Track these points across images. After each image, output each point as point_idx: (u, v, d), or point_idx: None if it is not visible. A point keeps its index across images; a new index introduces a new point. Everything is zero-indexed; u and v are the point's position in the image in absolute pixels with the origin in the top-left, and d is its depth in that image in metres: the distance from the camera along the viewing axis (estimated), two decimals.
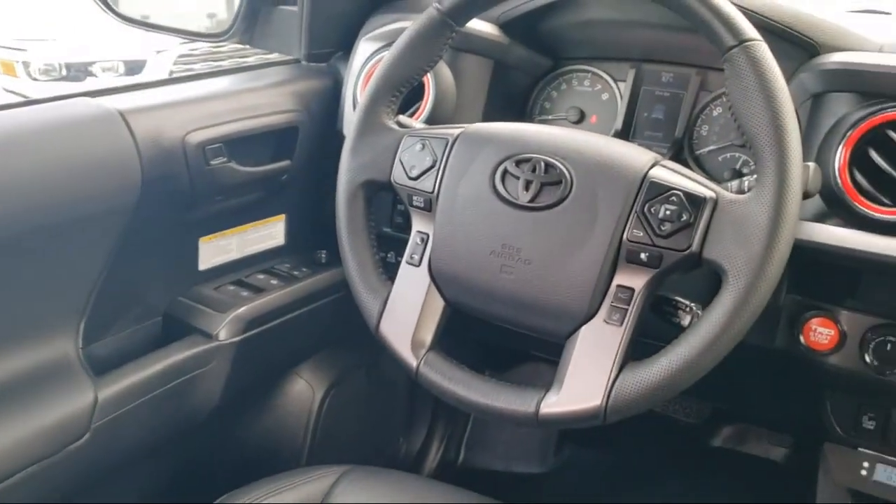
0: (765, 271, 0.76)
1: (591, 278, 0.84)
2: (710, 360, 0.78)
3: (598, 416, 0.82)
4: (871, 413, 1.06)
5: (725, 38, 0.81)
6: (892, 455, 1.08)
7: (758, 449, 1.69)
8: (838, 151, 0.91)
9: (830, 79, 0.95)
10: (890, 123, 0.89)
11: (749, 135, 0.80)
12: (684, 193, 0.81)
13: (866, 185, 0.90)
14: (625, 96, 1.18)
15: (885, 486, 1.09)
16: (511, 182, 0.89)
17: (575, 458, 1.78)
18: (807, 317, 1.00)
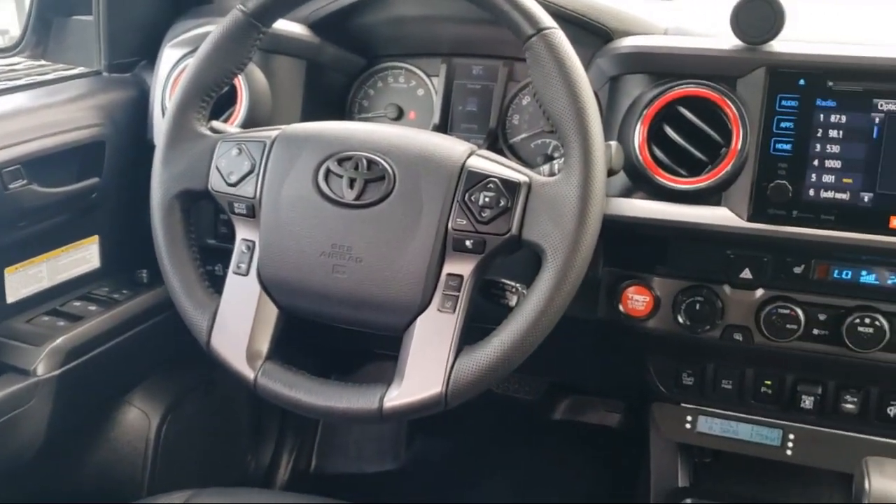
0: (579, 247, 0.81)
1: (422, 269, 0.85)
2: (538, 335, 0.82)
3: (440, 403, 0.84)
4: (689, 370, 1.15)
5: (524, 27, 0.85)
6: (710, 406, 1.18)
7: (594, 417, 1.79)
8: (637, 129, 0.97)
9: (624, 62, 1.01)
10: (680, 100, 0.97)
11: (554, 119, 0.84)
12: (500, 180, 0.84)
13: (664, 159, 0.97)
14: (439, 91, 1.21)
15: (707, 436, 1.19)
16: (335, 181, 0.88)
17: (426, 449, 1.81)
18: (623, 286, 1.07)
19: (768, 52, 0.95)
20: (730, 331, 1.04)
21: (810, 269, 0.99)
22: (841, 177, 0.92)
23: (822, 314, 1.00)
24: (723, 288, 1.03)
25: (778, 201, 0.94)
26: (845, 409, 1.09)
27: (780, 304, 1.00)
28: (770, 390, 1.12)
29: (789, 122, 0.94)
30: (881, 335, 0.97)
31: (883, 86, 0.91)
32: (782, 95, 0.94)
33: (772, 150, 0.94)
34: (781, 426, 1.15)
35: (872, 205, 0.92)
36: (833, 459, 1.13)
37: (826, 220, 0.93)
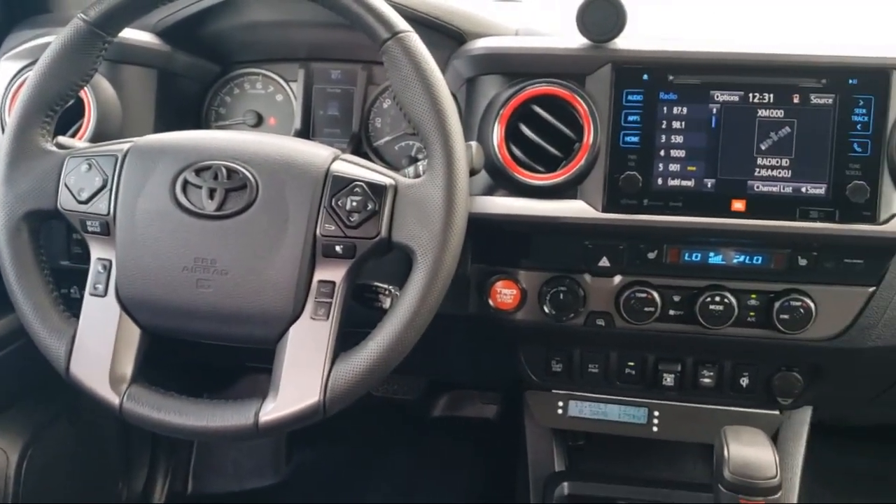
0: (447, 246, 0.82)
1: (292, 278, 0.84)
2: (413, 335, 0.83)
3: (319, 412, 0.83)
4: (558, 357, 1.19)
5: (379, 31, 0.85)
6: (579, 391, 1.23)
7: (472, 410, 1.82)
8: (495, 129, 1.00)
9: (479, 63, 1.04)
10: (534, 99, 1.00)
11: (414, 122, 0.85)
12: (366, 184, 0.85)
13: (522, 157, 1.00)
14: (298, 96, 1.20)
15: (578, 419, 1.24)
16: (194, 192, 0.86)
17: (307, 460, 1.79)
18: (492, 281, 1.10)
19: (613, 49, 0.99)
20: (593, 317, 1.09)
21: (663, 254, 1.05)
22: (685, 165, 0.98)
23: (676, 296, 1.07)
24: (584, 277, 1.08)
25: (629, 192, 0.99)
26: (703, 383, 1.16)
27: (637, 289, 1.06)
28: (634, 371, 1.17)
29: (636, 116, 0.99)
30: (730, 312, 1.04)
31: (719, 78, 0.97)
32: (628, 90, 0.99)
33: (621, 144, 0.99)
34: (647, 404, 1.21)
35: (715, 190, 0.98)
36: (695, 432, 1.20)
37: (674, 207, 0.99)
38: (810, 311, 1.03)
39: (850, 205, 0.95)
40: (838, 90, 0.95)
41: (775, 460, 0.92)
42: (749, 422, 1.08)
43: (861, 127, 0.95)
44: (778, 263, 1.03)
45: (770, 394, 1.15)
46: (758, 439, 0.95)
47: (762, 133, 0.97)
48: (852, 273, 1.03)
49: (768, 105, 0.96)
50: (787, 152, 0.96)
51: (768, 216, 0.97)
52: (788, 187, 0.97)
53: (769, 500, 0.91)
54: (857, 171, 0.95)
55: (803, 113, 0.96)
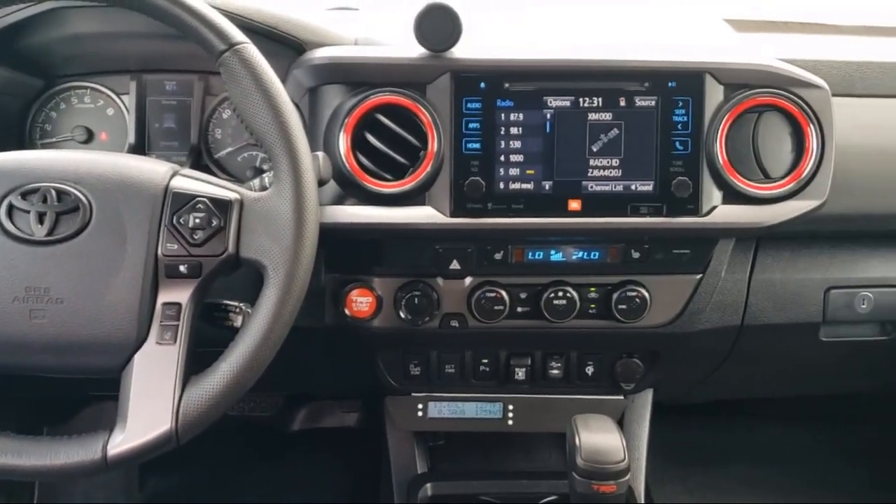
0: (299, 259, 0.81)
1: (134, 302, 0.81)
2: (268, 352, 0.81)
3: (171, 440, 0.80)
4: (416, 360, 1.21)
5: (215, 43, 0.83)
6: (437, 392, 1.25)
7: (333, 420, 1.81)
8: (340, 138, 1.00)
9: (320, 73, 1.04)
10: (378, 108, 1.01)
11: (257, 134, 0.84)
12: (210, 199, 0.82)
13: (370, 165, 1.01)
14: (131, 109, 1.15)
15: (438, 420, 1.26)
16: (21, 217, 0.81)
17: (162, 487, 1.71)
18: (347, 290, 1.10)
19: (451, 58, 1.02)
20: (447, 319, 1.12)
21: (508, 254, 1.09)
22: (525, 169, 1.02)
23: (522, 293, 1.11)
24: (436, 280, 1.10)
25: (474, 196, 1.02)
26: (552, 374, 1.21)
27: (487, 289, 1.09)
28: (488, 368, 1.21)
29: (476, 123, 1.02)
30: (573, 305, 1.10)
31: (552, 84, 1.02)
32: (467, 98, 1.01)
33: (464, 150, 1.01)
34: (501, 399, 1.25)
35: (553, 191, 1.03)
36: (548, 422, 1.26)
37: (517, 209, 1.02)
38: (645, 301, 1.10)
39: (676, 199, 1.03)
40: (659, 93, 1.02)
41: (623, 445, 0.98)
42: (596, 408, 1.14)
43: (681, 126, 1.02)
44: (613, 257, 1.09)
45: (614, 380, 1.22)
46: (606, 426, 1.01)
47: (593, 136, 1.02)
48: (680, 262, 1.11)
49: (597, 109, 1.02)
50: (617, 153, 1.02)
51: (602, 214, 1.03)
52: (619, 186, 1.03)
53: (619, 482, 0.96)
54: (680, 167, 1.02)
55: (629, 115, 1.02)
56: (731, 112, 1.02)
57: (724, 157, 1.02)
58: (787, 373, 1.43)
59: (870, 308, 1.19)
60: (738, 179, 1.03)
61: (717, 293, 1.15)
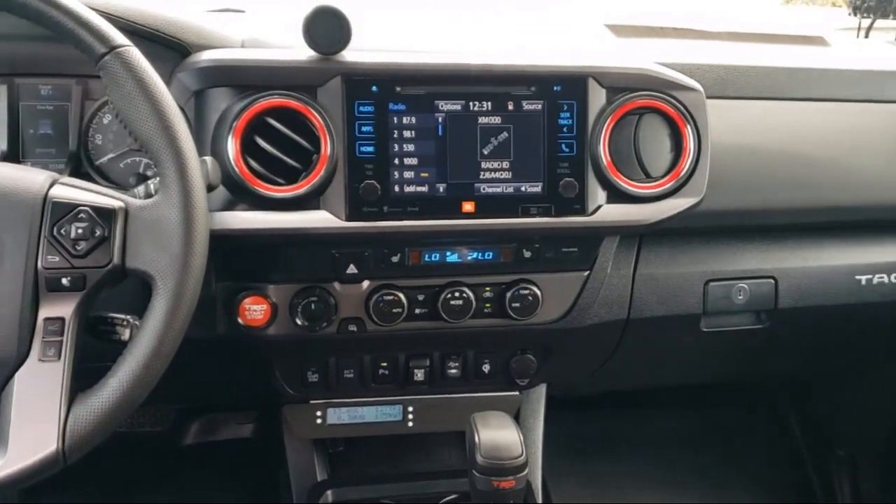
0: (189, 268, 0.79)
1: (12, 318, 0.76)
2: (159, 365, 0.79)
3: (58, 461, 0.76)
4: (313, 367, 1.20)
5: (95, 46, 0.80)
6: (336, 398, 1.24)
7: (228, 432, 1.76)
8: (229, 142, 0.98)
9: (205, 76, 1.01)
10: (267, 111, 0.99)
11: (142, 139, 0.81)
12: (92, 208, 0.79)
13: (261, 170, 0.99)
14: (2, 115, 1.08)
15: (337, 426, 1.25)
16: None
17: None
18: (240, 298, 1.07)
19: (342, 61, 1.01)
20: (345, 324, 1.11)
21: (405, 257, 1.09)
22: (419, 171, 1.03)
23: (420, 295, 1.12)
24: (333, 285, 1.09)
25: (370, 200, 1.01)
26: (450, 374, 1.23)
27: (385, 292, 1.09)
28: (387, 371, 1.21)
29: (369, 126, 1.02)
30: (469, 305, 1.11)
31: (442, 88, 1.03)
32: (359, 102, 1.01)
33: (358, 154, 1.01)
34: (401, 402, 1.26)
35: (447, 194, 1.04)
36: (447, 421, 1.27)
37: (412, 212, 1.03)
38: (537, 298, 1.13)
39: (563, 200, 1.06)
40: (545, 96, 1.05)
41: (520, 440, 1.00)
42: (493, 405, 1.16)
43: (567, 129, 1.06)
44: (506, 257, 1.11)
45: (509, 376, 1.25)
46: (503, 422, 1.03)
47: (484, 139, 1.04)
48: (569, 260, 1.14)
49: (487, 112, 1.04)
50: (507, 155, 1.05)
51: (495, 215, 1.05)
52: (510, 187, 1.05)
53: (518, 477, 0.98)
54: (567, 169, 1.06)
55: (518, 118, 1.05)
56: (613, 114, 1.06)
57: (607, 159, 1.06)
58: (673, 363, 1.50)
59: (745, 299, 1.27)
60: (621, 179, 1.07)
61: (603, 289, 1.19)
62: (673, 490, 1.84)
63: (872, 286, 1.30)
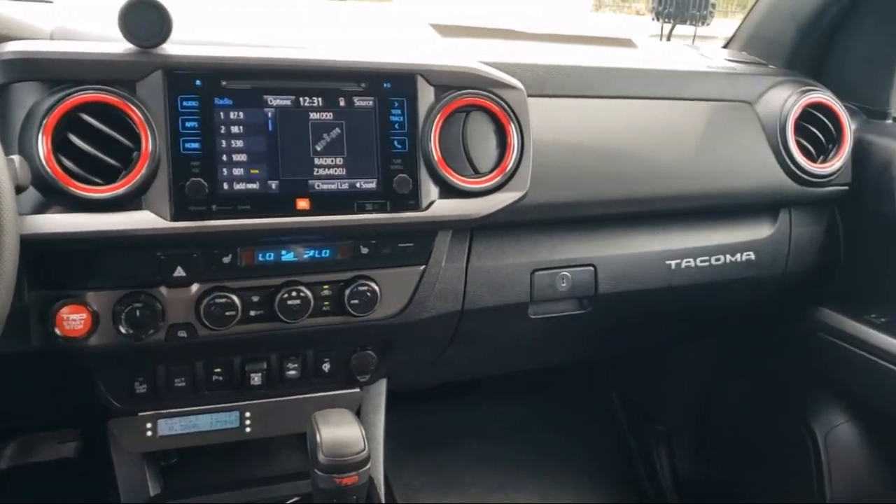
0: None
1: None
2: None
3: None
4: (141, 377, 1.14)
5: None
6: (168, 408, 1.18)
7: (48, 453, 1.64)
8: (39, 141, 0.91)
9: (10, 69, 0.93)
10: (81, 107, 0.93)
11: None
12: None
13: (75, 169, 0.93)
14: None
15: (170, 438, 1.19)
16: None
17: None
18: (56, 308, 1.00)
19: (162, 54, 0.97)
20: (174, 330, 1.06)
21: (237, 257, 1.06)
22: (249, 168, 1.01)
23: (255, 296, 1.09)
24: (160, 290, 1.04)
25: (196, 198, 0.98)
26: (289, 375, 1.21)
27: (216, 295, 1.06)
28: (221, 377, 1.17)
29: (194, 122, 0.98)
30: (307, 304, 1.10)
31: (271, 83, 1.01)
32: (182, 96, 0.97)
33: (182, 150, 0.97)
34: (238, 407, 1.22)
35: (280, 191, 1.02)
36: (288, 424, 1.25)
37: (243, 210, 1.00)
38: (376, 294, 1.14)
39: (398, 196, 1.07)
40: (376, 93, 1.06)
41: (362, 435, 1.00)
42: (334, 403, 1.15)
43: (398, 126, 1.07)
44: (344, 254, 1.11)
45: (350, 374, 1.25)
46: (345, 418, 1.03)
47: (316, 135, 1.03)
48: (406, 255, 1.16)
49: (319, 108, 1.03)
50: (340, 152, 1.04)
51: (330, 212, 1.04)
52: (345, 184, 1.05)
53: (361, 472, 0.99)
54: (400, 165, 1.07)
55: (350, 115, 1.05)
56: (441, 112, 1.09)
57: (438, 155, 1.09)
58: (505, 350, 1.56)
59: (568, 286, 1.34)
60: (452, 175, 1.10)
61: (439, 282, 1.22)
62: (509, 473, 1.91)
63: (681, 270, 1.41)
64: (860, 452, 1.55)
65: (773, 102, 1.43)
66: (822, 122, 1.44)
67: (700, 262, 1.41)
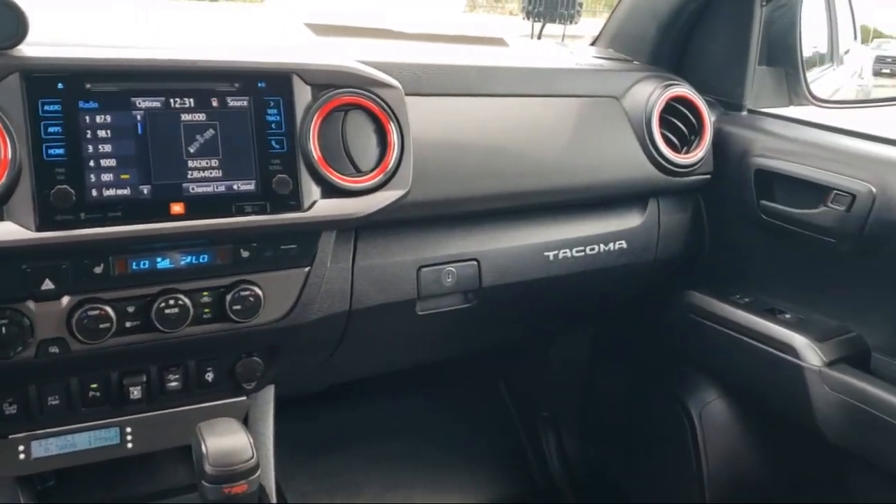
0: None
1: None
2: None
3: None
4: (10, 398, 1.07)
5: None
6: (42, 428, 1.12)
7: None
8: None
9: None
10: None
11: None
12: None
13: None
14: None
15: (45, 459, 1.13)
16: None
17: None
18: None
19: (19, 56, 0.92)
20: (44, 346, 1.01)
21: (110, 267, 1.02)
22: (119, 173, 0.97)
23: (130, 306, 1.05)
24: (27, 304, 0.99)
25: (63, 207, 0.93)
26: (171, 387, 1.17)
27: (89, 307, 1.01)
28: (98, 393, 1.12)
29: (57, 127, 0.93)
30: (186, 312, 1.07)
31: (139, 85, 0.98)
32: (43, 100, 0.93)
33: (45, 157, 0.93)
34: (118, 423, 1.17)
35: (152, 196, 0.99)
36: (172, 438, 1.20)
37: (114, 217, 0.96)
38: (259, 298, 1.11)
39: (278, 197, 1.06)
40: (251, 93, 1.04)
41: (250, 443, 0.98)
42: (220, 413, 1.13)
43: (275, 126, 1.06)
44: (223, 259, 1.09)
45: (235, 382, 1.22)
46: (231, 427, 1.00)
47: (189, 137, 1.01)
48: (289, 257, 1.14)
49: (190, 110, 1.01)
50: (215, 154, 1.02)
51: (207, 215, 1.02)
52: (222, 186, 1.03)
53: (250, 481, 0.97)
54: (279, 166, 1.06)
55: (224, 116, 1.02)
56: (319, 111, 1.08)
57: (318, 154, 1.08)
58: (394, 349, 1.57)
59: (454, 281, 1.36)
60: (333, 174, 1.09)
61: (325, 283, 1.21)
62: (403, 471, 1.92)
63: (558, 261, 1.45)
64: (731, 425, 1.65)
65: (639, 97, 1.50)
66: (684, 114, 1.52)
67: (576, 252, 1.47)
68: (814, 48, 1.71)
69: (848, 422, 1.33)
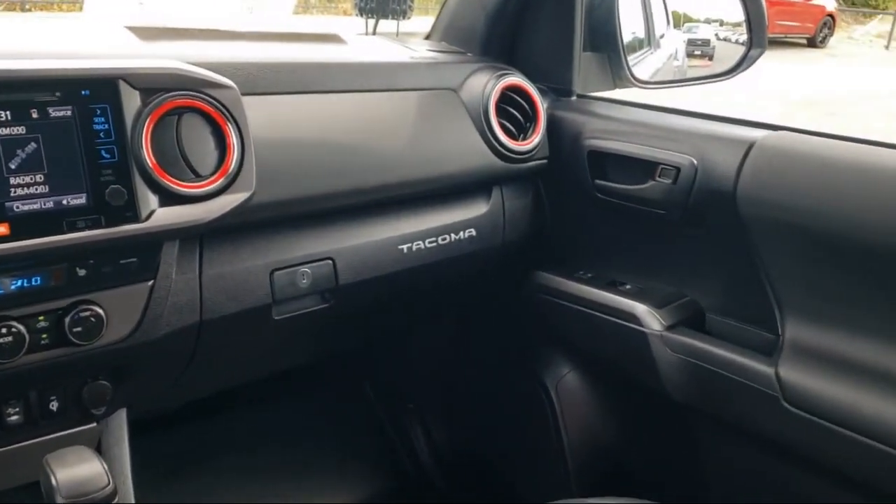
0: None
1: None
2: None
3: None
4: None
5: None
6: None
7: None
8: None
9: None
10: None
11: None
12: None
13: None
14: None
15: None
16: None
17: None
18: None
19: None
20: None
21: None
22: None
23: None
24: None
25: None
26: (11, 422, 1.09)
27: None
28: None
29: None
30: (22, 340, 1.00)
31: None
32: None
33: None
34: None
35: None
36: (18, 476, 1.12)
37: None
38: (101, 318, 1.06)
39: (112, 209, 1.01)
40: (74, 102, 0.98)
41: (104, 469, 0.94)
42: (69, 442, 1.06)
43: (104, 134, 1.00)
44: (58, 279, 1.02)
45: (83, 408, 1.15)
46: (83, 455, 0.95)
47: (8, 152, 0.94)
48: (130, 272, 1.09)
49: (7, 123, 0.94)
50: (40, 168, 0.96)
51: (35, 234, 0.96)
52: (49, 202, 0.97)
53: None
54: (111, 176, 1.01)
55: (46, 127, 0.96)
56: (150, 116, 1.04)
57: (153, 161, 1.04)
58: (253, 357, 1.53)
59: (309, 282, 1.34)
60: (171, 181, 1.05)
61: (171, 296, 1.16)
62: (273, 480, 1.88)
63: (412, 253, 1.47)
64: (586, 395, 1.73)
65: (475, 88, 1.53)
66: (518, 103, 1.57)
67: (428, 243, 1.49)
68: (633, 34, 1.80)
69: (690, 380, 1.42)
